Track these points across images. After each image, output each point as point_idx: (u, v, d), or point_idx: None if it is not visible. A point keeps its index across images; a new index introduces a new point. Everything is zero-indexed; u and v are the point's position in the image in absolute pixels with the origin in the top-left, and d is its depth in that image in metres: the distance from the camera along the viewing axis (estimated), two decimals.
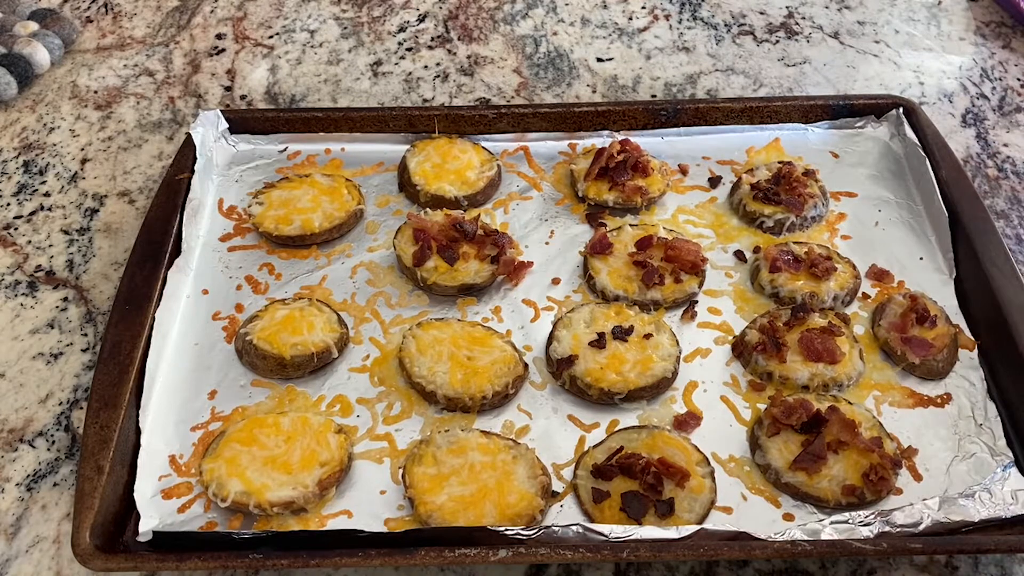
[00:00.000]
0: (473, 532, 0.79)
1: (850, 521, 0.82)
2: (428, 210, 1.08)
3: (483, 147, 1.15)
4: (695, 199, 1.13)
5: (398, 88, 1.32)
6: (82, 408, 0.95)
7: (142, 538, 0.82)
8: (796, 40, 1.40)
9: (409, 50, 1.39)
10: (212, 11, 1.46)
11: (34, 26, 1.35)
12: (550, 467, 0.87)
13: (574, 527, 0.80)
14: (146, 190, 1.17)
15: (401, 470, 0.86)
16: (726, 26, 1.42)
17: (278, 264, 1.06)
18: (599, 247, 1.03)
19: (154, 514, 0.84)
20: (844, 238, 1.08)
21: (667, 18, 1.44)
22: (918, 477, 0.87)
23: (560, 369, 0.93)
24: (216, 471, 0.84)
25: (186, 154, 1.11)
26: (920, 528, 0.81)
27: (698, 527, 0.79)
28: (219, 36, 1.41)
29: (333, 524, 0.84)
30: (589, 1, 1.48)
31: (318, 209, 1.07)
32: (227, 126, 1.17)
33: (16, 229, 1.13)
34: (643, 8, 1.46)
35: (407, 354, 0.93)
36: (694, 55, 1.37)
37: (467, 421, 0.91)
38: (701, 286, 1.02)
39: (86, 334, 1.01)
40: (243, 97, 1.31)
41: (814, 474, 0.84)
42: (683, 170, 1.15)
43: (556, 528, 0.80)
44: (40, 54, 1.31)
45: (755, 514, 0.85)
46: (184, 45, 1.40)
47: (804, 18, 1.44)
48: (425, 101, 1.30)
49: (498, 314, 1.01)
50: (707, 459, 0.87)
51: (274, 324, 0.95)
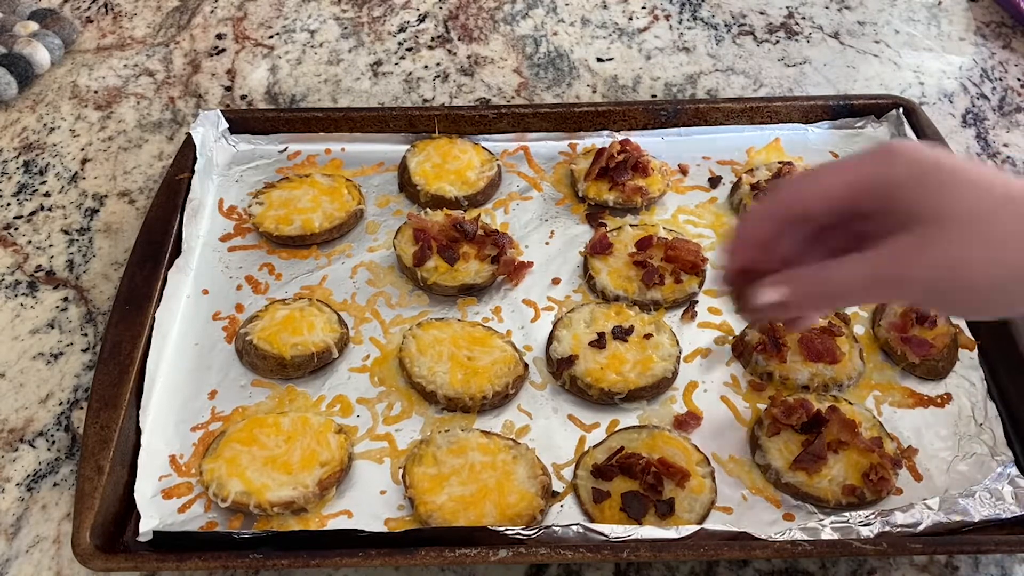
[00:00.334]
0: (473, 532, 0.79)
1: (850, 521, 0.82)
2: (428, 210, 1.08)
3: (483, 147, 1.15)
4: (695, 199, 1.13)
5: (398, 88, 1.32)
6: (82, 408, 0.95)
7: (142, 538, 0.82)
8: (796, 40, 1.40)
9: (409, 50, 1.39)
10: (212, 11, 1.46)
11: (34, 26, 1.35)
12: (550, 467, 0.87)
13: (574, 527, 0.80)
14: (146, 190, 1.17)
15: (401, 470, 0.86)
16: (726, 26, 1.43)
17: (278, 264, 1.06)
18: (599, 247, 1.03)
19: (154, 514, 0.84)
20: None
21: (667, 18, 1.44)
22: (918, 477, 0.87)
23: (560, 369, 0.93)
24: (216, 471, 0.84)
25: (186, 154, 1.11)
26: (920, 528, 0.81)
27: (698, 527, 0.79)
28: (219, 36, 1.41)
29: (333, 524, 0.84)
30: (589, 1, 1.48)
31: (318, 209, 1.07)
32: (227, 126, 1.17)
33: (16, 229, 1.13)
34: (643, 8, 1.46)
35: (407, 354, 0.93)
36: (694, 55, 1.37)
37: (467, 421, 0.91)
38: (701, 286, 1.02)
39: (86, 334, 1.02)
40: (243, 97, 1.31)
41: (814, 474, 0.84)
42: (683, 170, 1.15)
43: (556, 528, 0.80)
44: (40, 54, 1.31)
45: (755, 514, 0.85)
46: (184, 45, 1.40)
47: (804, 18, 1.44)
48: (425, 101, 1.30)
49: (498, 314, 1.01)
50: (707, 459, 0.87)
51: (274, 324, 0.95)
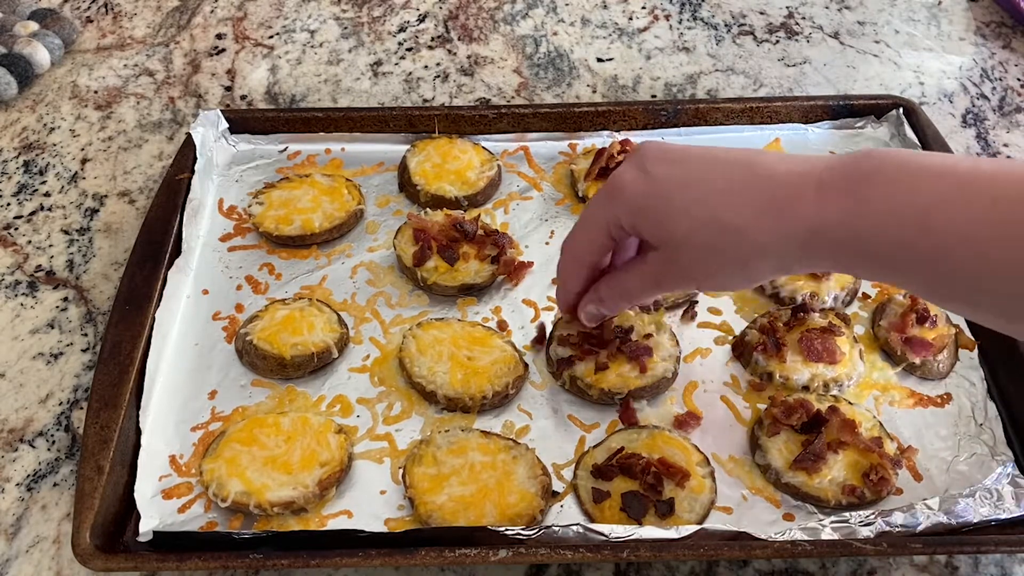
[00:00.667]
0: (473, 532, 0.79)
1: (850, 521, 0.82)
2: (428, 210, 1.08)
3: (483, 147, 1.15)
4: None
5: (398, 88, 1.32)
6: (82, 408, 0.95)
7: (142, 538, 0.82)
8: (796, 40, 1.40)
9: (409, 50, 1.39)
10: (212, 11, 1.46)
11: (34, 26, 1.35)
12: (550, 467, 0.87)
13: (574, 527, 0.80)
14: (146, 190, 1.17)
15: (401, 470, 0.86)
16: (726, 26, 1.43)
17: (278, 264, 1.06)
18: None
19: (154, 514, 0.84)
20: None
21: (667, 18, 1.44)
22: (918, 477, 0.87)
23: (560, 369, 0.93)
24: (216, 471, 0.84)
25: (186, 154, 1.11)
26: (920, 528, 0.81)
27: (698, 527, 0.79)
28: (219, 36, 1.41)
29: (333, 524, 0.84)
30: (589, 1, 1.48)
31: (318, 209, 1.07)
32: (227, 126, 1.17)
33: (16, 229, 1.13)
34: (643, 8, 1.46)
35: (407, 354, 0.93)
36: (694, 55, 1.37)
37: (467, 421, 0.91)
38: None
39: (86, 334, 1.02)
40: (243, 97, 1.31)
41: (814, 474, 0.84)
42: None
43: (556, 528, 0.80)
44: (40, 54, 1.31)
45: (755, 514, 0.85)
46: (184, 45, 1.40)
47: (804, 18, 1.44)
48: (425, 101, 1.30)
49: (498, 314, 1.01)
50: (707, 459, 0.87)
51: (274, 324, 0.95)
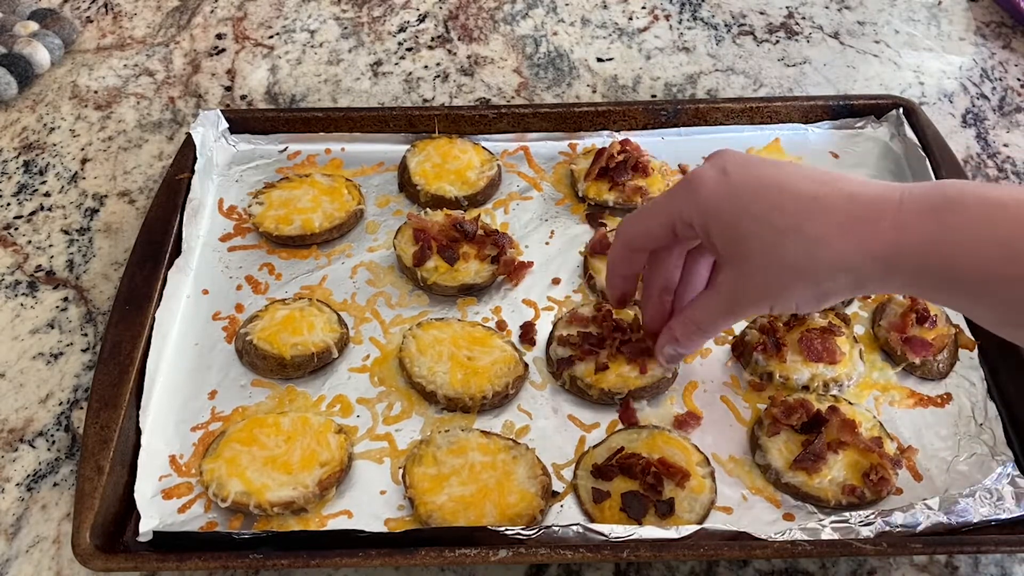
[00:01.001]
0: (473, 532, 0.79)
1: (850, 521, 0.82)
2: (428, 210, 1.08)
3: (483, 147, 1.15)
4: None
5: (398, 88, 1.32)
6: (82, 408, 0.95)
7: (142, 538, 0.82)
8: (796, 40, 1.40)
9: (409, 50, 1.39)
10: (212, 11, 1.46)
11: (34, 26, 1.35)
12: (550, 467, 0.87)
13: (574, 527, 0.80)
14: (146, 190, 1.17)
15: (401, 470, 0.86)
16: (726, 26, 1.43)
17: (278, 264, 1.06)
18: (599, 247, 1.03)
19: (154, 514, 0.84)
20: None
21: (667, 18, 1.44)
22: (918, 477, 0.87)
23: (560, 369, 0.93)
24: (216, 471, 0.84)
25: (186, 154, 1.11)
26: (920, 528, 0.81)
27: (698, 527, 0.79)
28: (219, 36, 1.41)
29: (333, 524, 0.84)
30: (589, 1, 1.48)
31: (318, 209, 1.07)
32: (227, 126, 1.17)
33: (16, 229, 1.13)
34: (643, 8, 1.46)
35: (407, 354, 0.93)
36: (694, 55, 1.37)
37: (467, 421, 0.91)
38: None
39: (86, 334, 1.02)
40: (243, 97, 1.31)
41: (814, 474, 0.84)
42: (683, 170, 1.15)
43: (556, 528, 0.80)
44: (40, 54, 1.31)
45: (755, 514, 0.85)
46: (184, 45, 1.40)
47: (804, 18, 1.44)
48: (425, 101, 1.30)
49: (498, 314, 1.01)
50: (707, 459, 0.87)
51: (274, 324, 0.95)
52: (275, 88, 1.32)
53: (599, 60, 1.37)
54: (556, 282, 1.04)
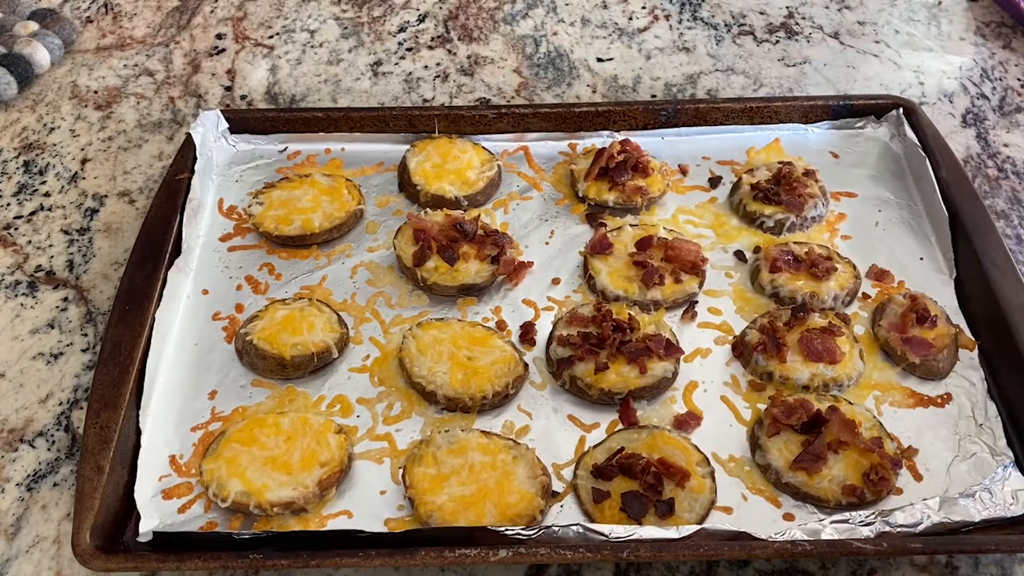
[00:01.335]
0: (473, 532, 0.79)
1: (850, 521, 0.82)
2: (428, 210, 1.08)
3: (483, 147, 1.15)
4: (695, 199, 1.13)
5: (398, 88, 1.32)
6: (82, 408, 0.95)
7: (142, 538, 0.82)
8: (796, 40, 1.40)
9: (409, 50, 1.39)
10: (212, 11, 1.46)
11: (34, 26, 1.35)
12: (550, 467, 0.87)
13: (574, 527, 0.80)
14: (146, 190, 1.17)
15: (401, 470, 0.86)
16: (726, 26, 1.42)
17: (278, 264, 1.06)
18: (599, 247, 1.03)
19: (154, 514, 0.84)
20: (844, 238, 1.08)
21: (667, 18, 1.44)
22: (918, 477, 0.87)
23: (560, 369, 0.93)
24: (216, 471, 0.84)
25: (186, 154, 1.11)
26: (920, 528, 0.81)
27: (698, 527, 0.79)
28: (219, 36, 1.41)
29: (333, 524, 0.84)
30: (589, 1, 1.48)
31: (318, 209, 1.07)
32: (227, 126, 1.17)
33: (16, 229, 1.13)
34: (643, 8, 1.46)
35: (407, 354, 0.93)
36: (694, 55, 1.37)
37: (467, 421, 0.91)
38: (701, 286, 1.02)
39: (86, 334, 1.01)
40: (243, 97, 1.31)
41: (814, 474, 0.84)
42: (683, 170, 1.15)
43: (556, 528, 0.80)
44: (40, 54, 1.31)
45: (755, 514, 0.85)
46: (184, 45, 1.40)
47: (804, 18, 1.44)
48: (425, 101, 1.30)
49: (498, 314, 1.01)
50: (707, 459, 0.87)
51: (274, 324, 0.95)
52: (275, 88, 1.32)
53: (599, 60, 1.37)
54: (556, 282, 1.04)
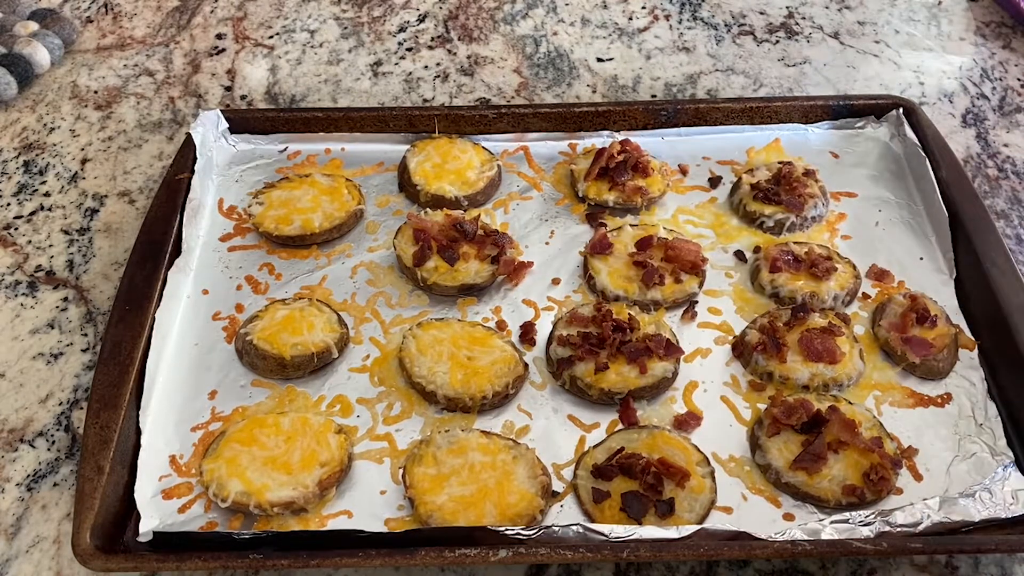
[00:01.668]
0: (473, 532, 0.79)
1: (850, 521, 0.82)
2: (428, 210, 1.08)
3: (483, 147, 1.15)
4: (695, 199, 1.13)
5: (398, 88, 1.32)
6: (82, 408, 0.95)
7: (142, 538, 0.82)
8: (796, 40, 1.40)
9: (409, 50, 1.39)
10: (212, 11, 1.46)
11: (34, 26, 1.35)
12: (550, 467, 0.87)
13: (574, 527, 0.80)
14: (146, 190, 1.17)
15: (401, 470, 0.86)
16: (726, 26, 1.42)
17: (278, 264, 1.06)
18: (599, 247, 1.03)
19: (154, 514, 0.84)
20: (844, 238, 1.08)
21: (667, 18, 1.44)
22: (918, 477, 0.87)
23: (560, 369, 0.93)
24: (216, 471, 0.84)
25: (186, 154, 1.11)
26: (920, 528, 0.81)
27: (698, 527, 0.79)
28: (219, 36, 1.41)
29: (333, 524, 0.84)
30: (589, 1, 1.48)
31: (318, 209, 1.07)
32: (227, 126, 1.17)
33: (16, 229, 1.13)
34: (643, 8, 1.46)
35: (407, 354, 0.93)
36: (694, 55, 1.37)
37: (467, 421, 0.91)
38: (701, 286, 1.02)
39: (86, 334, 1.01)
40: (243, 97, 1.31)
41: (814, 474, 0.84)
42: (683, 170, 1.15)
43: (556, 528, 0.80)
44: (40, 54, 1.31)
45: (755, 514, 0.85)
46: (184, 45, 1.40)
47: (804, 18, 1.44)
48: (425, 101, 1.30)
49: (498, 314, 1.01)
50: (707, 459, 0.87)
51: (274, 324, 0.95)
52: (275, 88, 1.32)
53: (599, 60, 1.37)
54: (556, 282, 1.04)
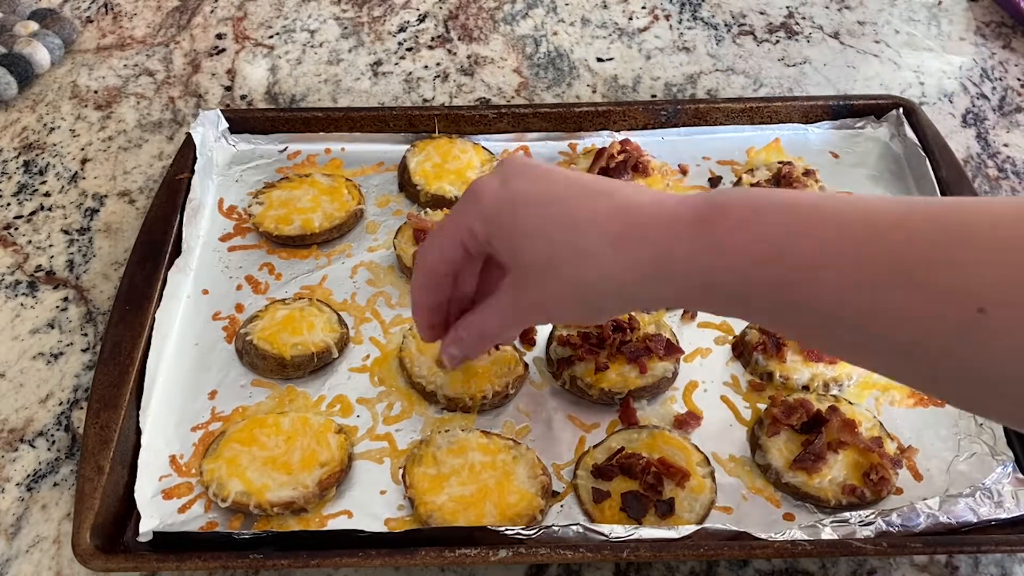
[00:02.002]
0: (473, 532, 0.79)
1: (850, 521, 0.82)
2: (428, 210, 1.08)
3: (483, 147, 1.15)
4: None
5: (398, 88, 1.32)
6: (82, 408, 0.95)
7: (142, 538, 0.82)
8: (796, 40, 1.40)
9: (409, 50, 1.39)
10: (212, 11, 1.46)
11: (34, 26, 1.35)
12: (550, 467, 0.87)
13: (574, 527, 0.80)
14: (146, 190, 1.17)
15: (401, 470, 0.86)
16: (726, 26, 1.43)
17: (278, 264, 1.06)
18: None
19: (154, 514, 0.84)
20: None
21: (667, 18, 1.44)
22: (918, 477, 0.87)
23: (560, 369, 0.93)
24: (216, 471, 0.84)
25: (186, 154, 1.11)
26: (920, 528, 0.81)
27: (698, 527, 0.79)
28: (219, 36, 1.41)
29: (333, 524, 0.84)
30: (589, 1, 1.48)
31: (318, 209, 1.07)
32: (227, 126, 1.17)
33: (16, 229, 1.13)
34: (643, 8, 1.46)
35: (407, 354, 0.93)
36: (694, 55, 1.37)
37: (467, 421, 0.91)
38: None
39: (86, 334, 1.02)
40: (243, 97, 1.31)
41: (814, 474, 0.84)
42: (683, 170, 1.15)
43: (556, 528, 0.80)
44: (40, 54, 1.31)
45: (755, 514, 0.85)
46: (184, 45, 1.40)
47: (804, 18, 1.44)
48: (425, 101, 1.30)
49: None
50: (707, 459, 0.87)
51: (274, 324, 0.95)
52: (275, 88, 1.32)
53: (599, 60, 1.37)
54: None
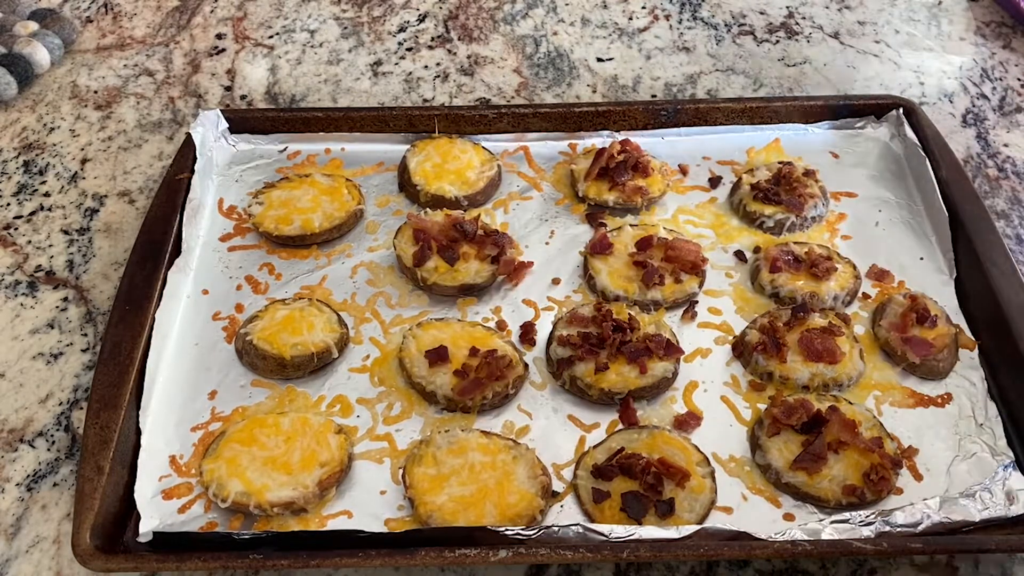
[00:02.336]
0: (473, 532, 0.79)
1: (851, 521, 0.82)
2: (428, 210, 1.08)
3: (483, 147, 1.15)
4: (695, 199, 1.13)
5: (398, 88, 1.32)
6: (82, 408, 0.95)
7: (142, 538, 0.82)
8: (796, 40, 1.40)
9: (409, 50, 1.39)
10: (212, 11, 1.46)
11: (34, 26, 1.35)
12: (550, 467, 0.87)
13: (574, 527, 0.80)
14: (146, 190, 1.17)
15: (401, 470, 0.86)
16: (726, 26, 1.42)
17: (278, 264, 1.06)
18: (599, 247, 1.03)
19: (154, 514, 0.84)
20: (844, 238, 1.08)
21: (667, 18, 1.44)
22: (918, 477, 0.87)
23: (560, 369, 0.93)
24: (216, 471, 0.84)
25: (186, 154, 1.11)
26: (920, 528, 0.81)
27: (698, 527, 0.79)
28: (219, 36, 1.41)
29: (333, 524, 0.84)
30: (589, 1, 1.48)
31: (318, 209, 1.07)
32: (227, 126, 1.17)
33: (16, 229, 1.13)
34: (643, 8, 1.46)
35: (407, 354, 0.93)
36: (694, 55, 1.37)
37: (467, 421, 0.91)
38: (701, 286, 1.02)
39: (86, 334, 1.01)
40: (243, 97, 1.31)
41: (814, 474, 0.84)
42: (683, 170, 1.15)
43: (556, 528, 0.80)
44: (40, 54, 1.31)
45: (755, 514, 0.85)
46: (184, 45, 1.40)
47: (804, 18, 1.44)
48: (425, 101, 1.30)
49: (498, 314, 1.01)
50: (707, 459, 0.87)
51: (274, 324, 0.95)
52: (275, 88, 1.32)
53: (599, 60, 1.37)
54: (556, 282, 1.04)
